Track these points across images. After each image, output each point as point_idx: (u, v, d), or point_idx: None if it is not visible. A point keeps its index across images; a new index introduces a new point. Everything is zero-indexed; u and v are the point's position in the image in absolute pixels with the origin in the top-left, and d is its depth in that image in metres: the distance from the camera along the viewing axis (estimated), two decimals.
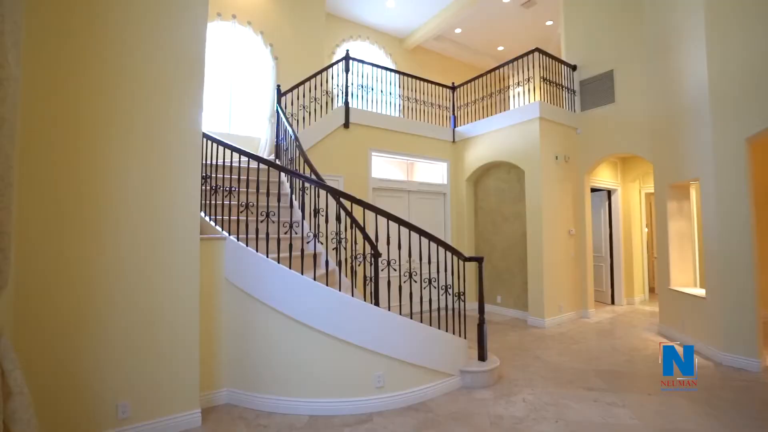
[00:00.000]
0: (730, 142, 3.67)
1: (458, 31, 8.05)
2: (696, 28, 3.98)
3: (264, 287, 2.87)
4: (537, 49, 5.43)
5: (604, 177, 6.40)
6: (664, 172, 4.73)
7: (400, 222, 3.07)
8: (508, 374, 3.49)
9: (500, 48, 8.79)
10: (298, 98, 5.36)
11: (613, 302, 6.59)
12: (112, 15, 2.39)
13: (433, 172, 6.60)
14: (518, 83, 5.80)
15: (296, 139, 4.18)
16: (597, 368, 3.63)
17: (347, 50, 5.58)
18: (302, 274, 2.85)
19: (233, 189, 3.22)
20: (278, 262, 2.88)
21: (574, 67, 5.89)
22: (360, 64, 5.58)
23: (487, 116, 6.14)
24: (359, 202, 3.02)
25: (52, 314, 2.16)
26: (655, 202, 5.00)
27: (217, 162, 3.33)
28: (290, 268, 2.87)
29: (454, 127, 6.63)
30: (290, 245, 2.92)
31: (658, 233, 4.94)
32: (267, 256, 2.91)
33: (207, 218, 3.18)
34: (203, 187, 3.26)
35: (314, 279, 2.85)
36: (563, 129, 5.67)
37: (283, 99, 5.21)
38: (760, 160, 4.32)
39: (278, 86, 5.24)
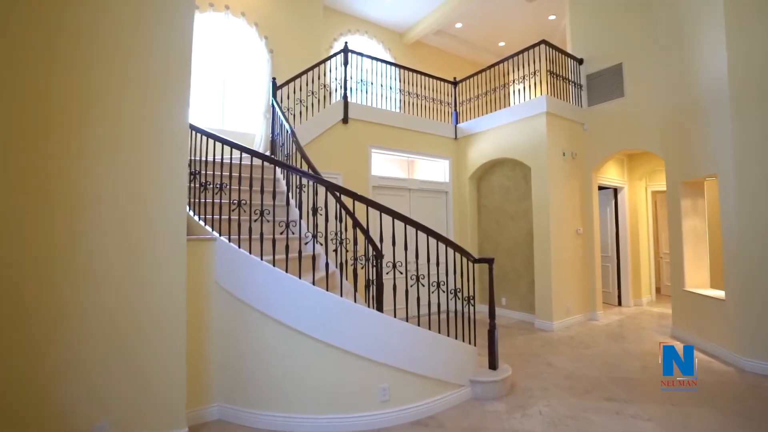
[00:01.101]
0: (751, 136, 3.49)
1: (459, 25, 7.84)
2: (713, 18, 3.78)
3: (258, 292, 2.63)
4: (543, 41, 5.23)
5: (611, 175, 6.21)
6: (676, 169, 4.53)
7: (406, 220, 2.84)
8: (520, 383, 3.27)
9: (501, 44, 8.59)
10: (294, 92, 5.12)
11: (620, 303, 6.41)
12: (105, 15, 2.21)
13: (434, 170, 6.38)
14: (523, 77, 5.59)
15: (293, 134, 3.94)
16: (613, 375, 3.42)
17: (346, 42, 5.35)
18: (300, 277, 2.62)
19: (224, 185, 2.98)
20: (274, 265, 2.64)
21: (580, 61, 5.69)
22: (359, 58, 5.35)
23: (491, 112, 5.93)
24: (361, 199, 2.79)
25: (19, 321, 1.91)
26: (667, 199, 4.81)
27: (207, 158, 3.09)
28: (287, 271, 2.63)
29: (456, 123, 6.41)
30: (287, 246, 2.69)
31: (670, 232, 4.74)
32: (261, 258, 2.67)
33: (196, 217, 2.94)
34: (192, 184, 3.02)
35: (313, 283, 2.61)
36: (570, 124, 5.47)
37: (278, 93, 4.96)
38: None
39: (273, 79, 4.99)
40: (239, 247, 2.72)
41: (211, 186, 3.04)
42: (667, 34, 4.63)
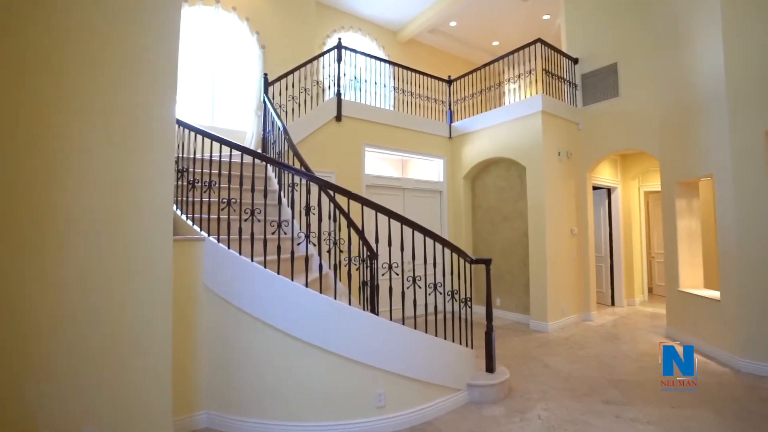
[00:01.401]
0: (748, 136, 3.47)
1: (453, 24, 7.78)
2: (710, 17, 3.76)
3: (248, 295, 2.52)
4: (539, 40, 5.19)
5: (605, 175, 6.21)
6: (671, 169, 4.52)
7: (403, 220, 2.76)
8: (517, 386, 3.21)
9: (495, 43, 8.56)
10: (287, 88, 5.00)
11: (613, 303, 6.41)
12: (94, 11, 2.10)
13: (428, 169, 6.31)
14: (519, 75, 5.55)
15: (285, 131, 3.83)
16: (611, 377, 3.38)
17: (339, 39, 5.25)
18: (292, 279, 2.52)
19: (213, 183, 2.86)
20: (265, 266, 2.54)
21: (575, 60, 5.67)
22: (352, 54, 5.26)
23: (485, 111, 5.88)
24: (357, 198, 2.70)
25: (8, 323, 1.81)
26: (662, 200, 4.79)
27: (196, 155, 2.98)
28: (278, 272, 2.53)
29: (451, 122, 6.35)
30: (278, 247, 2.58)
31: (665, 232, 4.74)
32: (252, 259, 2.57)
33: (183, 216, 2.82)
34: (180, 182, 2.90)
35: (306, 284, 2.51)
36: (565, 124, 5.44)
37: (270, 89, 4.85)
38: None
39: (265, 75, 4.87)
40: (229, 247, 2.61)
41: (200, 184, 2.93)
42: (663, 33, 4.61)
